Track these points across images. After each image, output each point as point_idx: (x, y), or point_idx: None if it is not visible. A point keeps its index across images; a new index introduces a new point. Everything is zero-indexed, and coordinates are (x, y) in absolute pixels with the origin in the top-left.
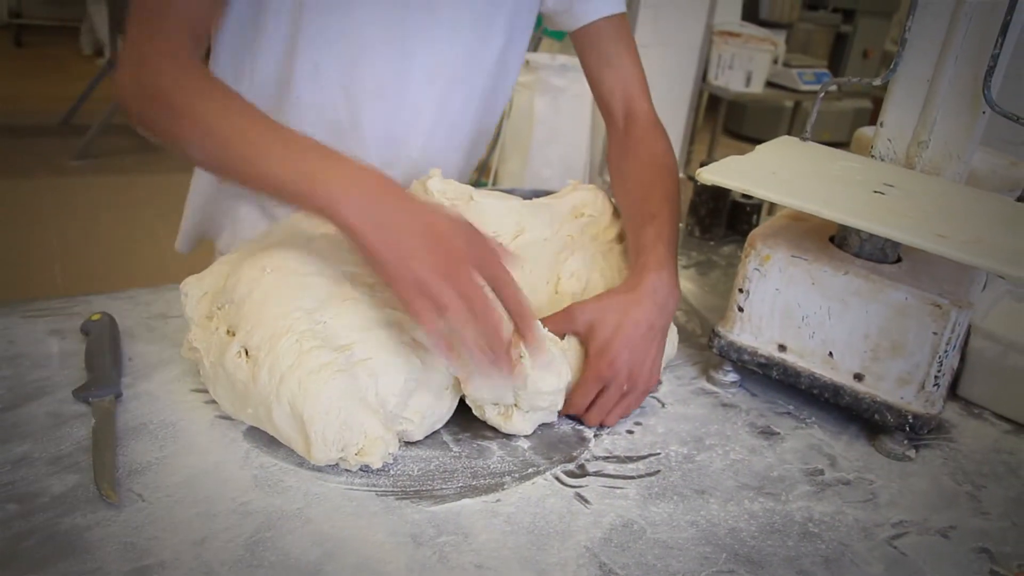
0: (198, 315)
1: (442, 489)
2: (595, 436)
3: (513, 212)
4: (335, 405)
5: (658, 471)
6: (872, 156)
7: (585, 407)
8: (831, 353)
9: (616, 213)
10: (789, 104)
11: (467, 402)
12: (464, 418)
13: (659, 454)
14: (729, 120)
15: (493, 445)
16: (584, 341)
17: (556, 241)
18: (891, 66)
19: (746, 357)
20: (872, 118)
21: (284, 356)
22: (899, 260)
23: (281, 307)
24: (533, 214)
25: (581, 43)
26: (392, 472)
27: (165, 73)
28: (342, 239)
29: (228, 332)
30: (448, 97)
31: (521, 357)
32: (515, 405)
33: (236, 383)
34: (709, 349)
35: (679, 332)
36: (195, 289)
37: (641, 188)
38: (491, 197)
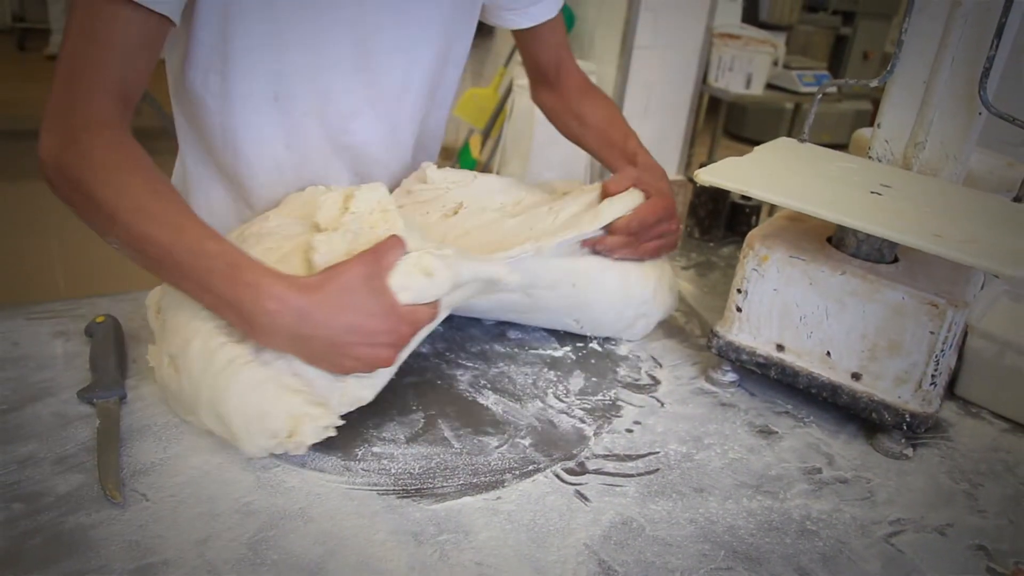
0: (159, 328)
1: (443, 487)
2: (595, 435)
3: (512, 187)
4: (248, 397)
5: (657, 469)
6: (869, 157)
7: (648, 225)
8: (829, 353)
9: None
10: (789, 106)
11: None
12: (466, 412)
13: (658, 453)
14: (729, 122)
15: (494, 441)
16: (644, 190)
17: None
18: (888, 68)
19: (744, 357)
20: (872, 120)
21: (196, 361)
22: (896, 260)
23: (189, 310)
24: (529, 190)
25: (524, 36)
26: (393, 471)
27: (90, 159)
28: (270, 229)
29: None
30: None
31: None
32: None
33: (174, 393)
34: (708, 349)
35: (679, 332)
36: (154, 302)
37: (605, 121)
38: (491, 177)
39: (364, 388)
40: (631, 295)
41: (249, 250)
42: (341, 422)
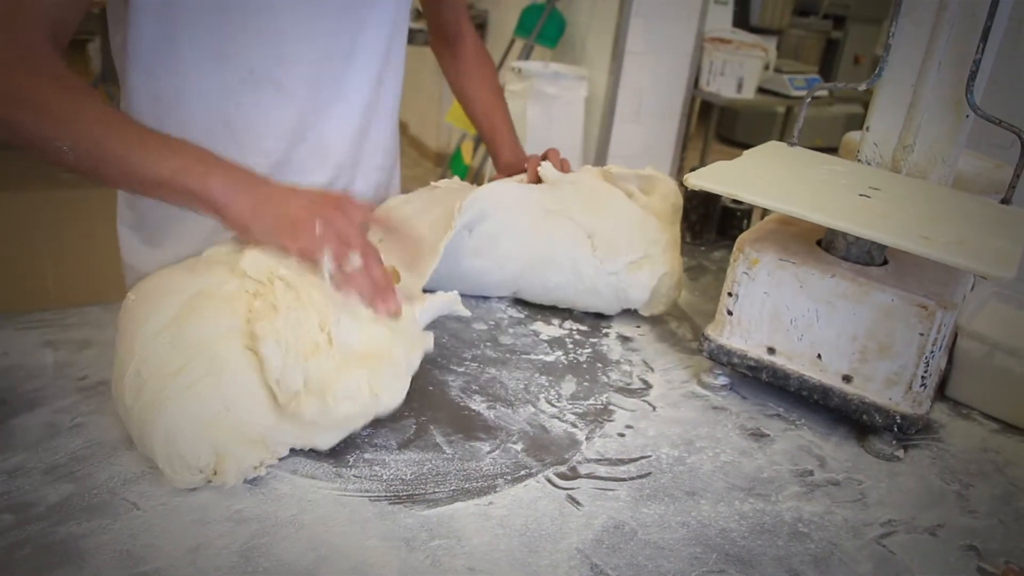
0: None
1: (435, 493)
2: (587, 439)
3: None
4: (171, 434)
5: (649, 473)
6: (859, 160)
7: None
8: (819, 355)
9: None
10: (781, 110)
11: None
12: (457, 418)
13: (650, 456)
14: (721, 126)
15: (485, 446)
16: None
17: None
18: (876, 71)
19: (736, 360)
20: (863, 123)
21: (128, 392)
22: (885, 263)
23: (130, 336)
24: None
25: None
26: (385, 477)
27: (27, 74)
28: (223, 257)
29: None
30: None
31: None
32: None
33: (119, 416)
34: (699, 353)
35: (671, 336)
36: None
37: (487, 105)
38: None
39: (321, 434)
40: (647, 232)
41: (201, 277)
42: (274, 460)
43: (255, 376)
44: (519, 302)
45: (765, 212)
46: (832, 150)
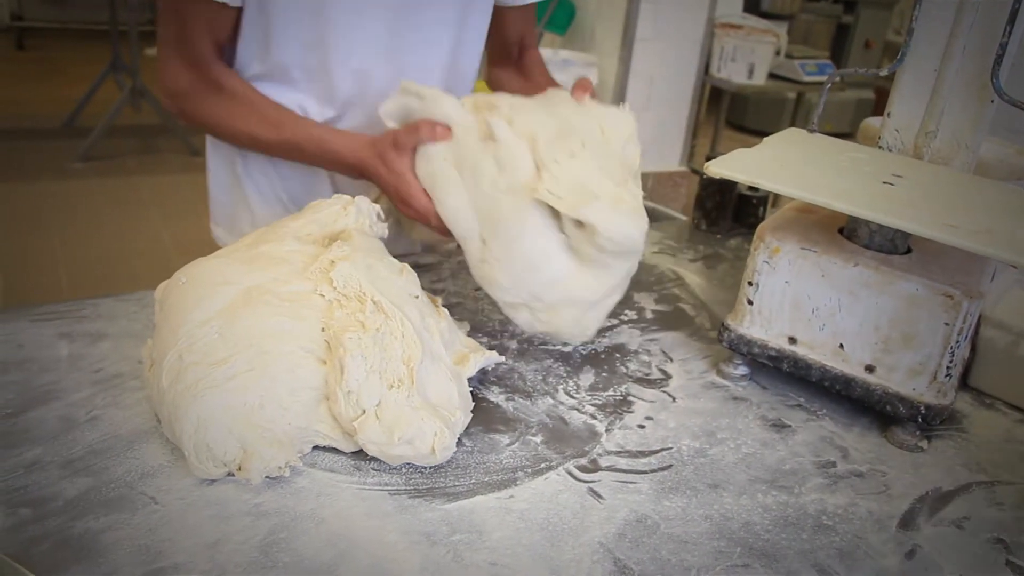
0: (156, 325)
1: (455, 486)
2: (607, 431)
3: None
4: (203, 423)
5: (670, 465)
6: (880, 147)
7: None
8: (842, 345)
9: None
10: (792, 95)
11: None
12: (476, 409)
13: (671, 448)
14: (732, 112)
15: (505, 438)
16: None
17: None
18: (898, 56)
19: (756, 350)
20: (875, 108)
21: (166, 373)
22: (909, 251)
23: (176, 319)
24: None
25: (503, 12)
26: (404, 470)
27: (191, 89)
28: (284, 254)
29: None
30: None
31: None
32: None
33: (149, 395)
34: (719, 343)
35: (689, 325)
36: (160, 296)
37: None
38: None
39: (350, 442)
40: None
41: (259, 272)
42: (297, 462)
43: (302, 377)
44: None
45: (779, 199)
46: (843, 135)
